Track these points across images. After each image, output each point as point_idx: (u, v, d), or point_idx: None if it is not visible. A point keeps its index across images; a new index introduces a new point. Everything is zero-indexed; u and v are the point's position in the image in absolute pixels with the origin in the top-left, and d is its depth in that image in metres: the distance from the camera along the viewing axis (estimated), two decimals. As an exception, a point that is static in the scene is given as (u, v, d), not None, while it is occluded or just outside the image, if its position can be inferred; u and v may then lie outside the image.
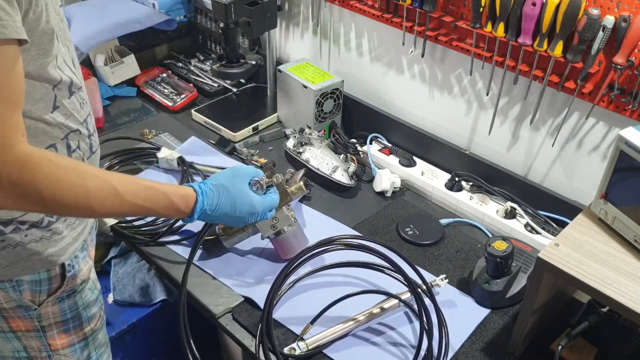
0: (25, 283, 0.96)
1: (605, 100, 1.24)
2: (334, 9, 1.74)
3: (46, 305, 0.99)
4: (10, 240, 0.91)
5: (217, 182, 1.01)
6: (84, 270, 1.05)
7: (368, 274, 1.25)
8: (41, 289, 0.98)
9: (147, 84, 1.94)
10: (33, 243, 0.93)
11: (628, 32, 1.12)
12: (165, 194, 0.93)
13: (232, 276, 1.27)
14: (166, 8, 1.97)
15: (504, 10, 1.27)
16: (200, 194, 0.97)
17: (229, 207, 1.01)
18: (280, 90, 1.79)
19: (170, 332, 1.67)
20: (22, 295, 0.96)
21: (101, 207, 0.85)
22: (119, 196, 0.86)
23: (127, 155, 1.60)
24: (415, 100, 1.66)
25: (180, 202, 0.95)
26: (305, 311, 1.18)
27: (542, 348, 1.12)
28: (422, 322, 1.11)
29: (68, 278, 1.00)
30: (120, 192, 0.86)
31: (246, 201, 1.03)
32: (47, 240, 0.95)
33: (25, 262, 0.94)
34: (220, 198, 0.99)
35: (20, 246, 0.92)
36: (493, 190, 1.48)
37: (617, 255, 1.00)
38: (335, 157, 1.56)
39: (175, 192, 0.95)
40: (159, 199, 0.92)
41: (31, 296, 0.97)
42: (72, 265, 1.01)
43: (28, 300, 0.97)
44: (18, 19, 0.73)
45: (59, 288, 1.00)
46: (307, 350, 1.10)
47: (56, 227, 0.96)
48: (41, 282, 0.97)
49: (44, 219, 0.93)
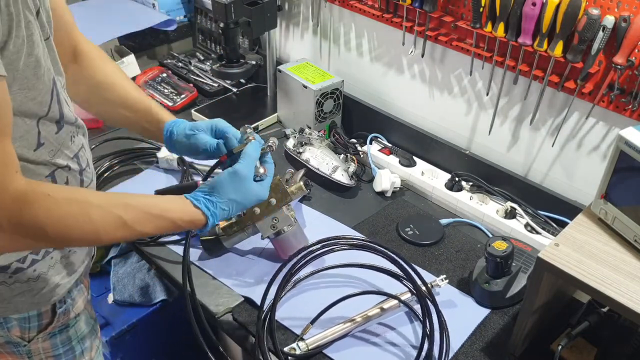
0: (14, 320, 0.91)
1: (605, 100, 1.24)
2: (334, 9, 1.74)
3: (36, 342, 0.95)
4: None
5: (225, 198, 0.96)
6: (79, 302, 1.00)
7: (368, 274, 1.25)
8: (30, 326, 0.93)
9: (147, 84, 1.94)
10: (18, 284, 0.88)
11: (628, 32, 1.12)
12: (174, 222, 0.89)
13: (232, 276, 1.27)
14: (166, 8, 1.98)
15: (504, 10, 1.27)
16: (210, 216, 0.93)
17: (239, 211, 0.99)
18: (280, 90, 1.79)
19: (170, 332, 1.68)
20: (11, 332, 0.92)
21: (110, 238, 0.82)
22: (127, 226, 0.82)
23: (127, 155, 1.60)
24: (415, 100, 1.66)
25: (190, 226, 0.92)
26: (305, 311, 1.18)
27: (542, 348, 1.12)
28: (424, 325, 1.11)
29: (59, 314, 0.95)
30: (128, 222, 0.82)
31: (253, 198, 1.00)
32: (35, 281, 0.89)
33: (7, 304, 0.88)
34: (230, 212, 0.97)
35: (4, 285, 0.87)
36: (493, 190, 1.48)
37: (617, 255, 1.00)
38: (335, 157, 1.56)
39: (184, 217, 0.91)
40: (167, 227, 0.89)
41: (20, 332, 0.93)
42: (63, 301, 0.96)
43: (17, 337, 0.93)
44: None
45: (49, 324, 0.95)
46: (307, 350, 1.10)
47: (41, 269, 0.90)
48: (30, 319, 0.93)
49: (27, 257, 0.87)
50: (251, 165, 1.00)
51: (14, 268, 0.87)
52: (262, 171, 1.03)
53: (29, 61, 0.75)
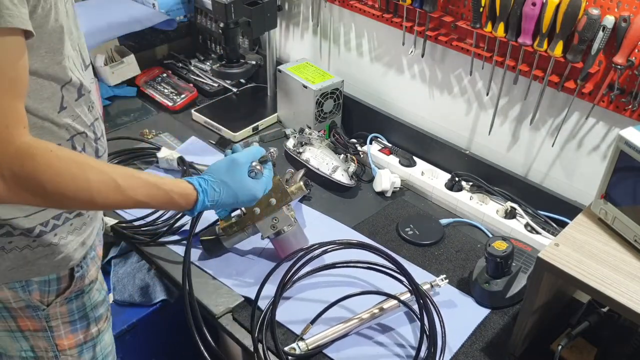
0: (35, 283, 0.95)
1: (605, 100, 1.24)
2: (334, 9, 1.74)
3: (54, 306, 0.99)
4: (18, 243, 0.91)
5: (217, 178, 1.00)
6: (92, 270, 1.04)
7: (367, 274, 1.25)
8: (50, 289, 0.98)
9: (147, 84, 1.94)
10: (41, 247, 0.93)
11: (628, 32, 1.12)
12: (167, 193, 0.92)
13: (232, 276, 1.27)
14: (166, 8, 1.97)
15: (504, 10, 1.27)
16: (201, 192, 0.97)
17: (231, 200, 1.01)
18: (280, 90, 1.79)
19: (170, 332, 1.68)
20: (31, 295, 0.96)
21: (103, 200, 0.85)
22: (120, 190, 0.85)
23: (127, 155, 1.60)
24: (415, 100, 1.66)
25: (181, 200, 0.95)
26: (304, 311, 1.18)
27: (542, 348, 1.12)
28: (422, 324, 1.11)
29: (76, 279, 1.00)
30: (122, 186, 0.85)
31: (247, 192, 1.02)
32: (55, 245, 0.94)
33: (31, 266, 0.93)
34: (221, 194, 0.99)
35: (28, 249, 0.92)
36: (493, 190, 1.48)
37: (617, 255, 1.00)
38: (335, 157, 1.56)
39: (177, 190, 0.94)
40: (160, 196, 0.91)
41: (40, 296, 0.97)
42: (80, 266, 1.00)
43: (37, 301, 0.97)
44: (25, 11, 0.72)
45: (67, 288, 0.99)
46: (307, 350, 1.10)
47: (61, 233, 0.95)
48: (50, 282, 0.97)
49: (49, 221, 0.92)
50: (248, 157, 1.04)
51: (37, 231, 0.91)
52: (259, 168, 1.05)
53: (55, 26, 0.81)
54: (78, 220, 0.97)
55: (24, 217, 0.89)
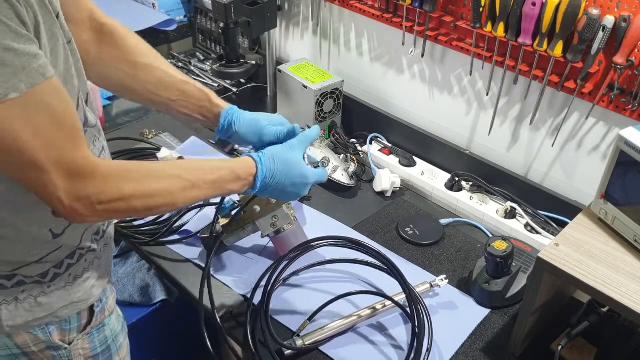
0: (54, 323, 0.91)
1: (605, 100, 1.24)
2: (334, 9, 1.74)
3: (76, 344, 0.95)
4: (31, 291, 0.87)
5: (273, 152, 1.00)
6: (111, 301, 1.01)
7: (366, 273, 1.25)
8: (71, 328, 0.93)
9: (147, 84, 1.94)
10: (57, 292, 0.89)
11: (628, 32, 1.12)
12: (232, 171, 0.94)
13: (232, 275, 1.27)
14: (166, 8, 1.98)
15: (504, 10, 1.27)
16: (259, 162, 0.97)
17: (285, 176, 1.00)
18: (280, 90, 1.79)
19: (170, 332, 1.68)
20: (52, 337, 0.91)
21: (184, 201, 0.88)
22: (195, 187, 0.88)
23: (127, 156, 1.60)
24: (415, 100, 1.66)
25: (244, 173, 0.95)
26: (300, 308, 1.18)
27: (542, 348, 1.12)
28: (413, 326, 1.12)
29: (97, 313, 0.96)
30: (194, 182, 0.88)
31: (298, 172, 1.02)
32: (71, 286, 0.91)
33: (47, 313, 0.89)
34: (276, 166, 0.99)
35: (43, 295, 0.88)
36: (493, 190, 1.48)
37: (617, 255, 1.00)
38: (335, 157, 1.56)
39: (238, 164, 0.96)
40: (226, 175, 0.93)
41: (61, 335, 0.92)
42: (100, 300, 0.97)
43: (58, 340, 0.92)
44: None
45: (88, 324, 0.96)
46: (303, 346, 1.10)
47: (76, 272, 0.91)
48: (70, 320, 0.93)
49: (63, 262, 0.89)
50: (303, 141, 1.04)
51: (51, 275, 0.88)
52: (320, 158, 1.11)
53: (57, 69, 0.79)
54: (91, 254, 0.94)
55: (35, 262, 0.86)
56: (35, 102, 0.69)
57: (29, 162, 0.71)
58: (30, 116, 0.69)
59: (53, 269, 0.88)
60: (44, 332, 0.90)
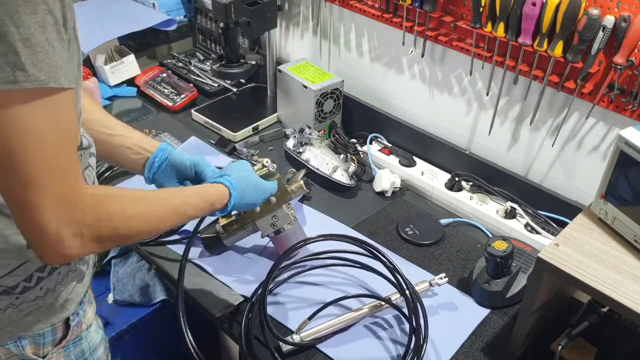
0: (27, 337, 0.88)
1: (605, 100, 1.24)
2: (334, 9, 1.74)
3: (51, 357, 0.92)
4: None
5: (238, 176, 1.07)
6: (89, 314, 0.99)
7: (365, 272, 1.25)
8: (45, 341, 0.91)
9: (147, 84, 1.94)
10: (25, 304, 0.85)
11: (628, 32, 1.12)
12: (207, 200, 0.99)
13: (232, 275, 1.27)
14: (166, 8, 1.98)
15: (504, 10, 1.27)
16: (233, 190, 1.03)
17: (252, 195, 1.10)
18: (280, 90, 1.79)
19: (170, 332, 1.67)
20: (25, 350, 0.88)
21: (164, 226, 0.90)
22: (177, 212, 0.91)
23: (127, 155, 1.59)
24: (415, 100, 1.66)
25: (218, 201, 1.01)
26: (300, 309, 1.18)
27: (542, 348, 1.12)
28: (411, 324, 1.12)
29: (72, 327, 0.94)
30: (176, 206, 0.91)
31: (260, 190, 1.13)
32: (42, 299, 0.87)
33: (16, 325, 0.86)
34: (246, 190, 1.07)
35: (11, 308, 0.84)
36: (493, 190, 1.48)
37: (617, 255, 1.00)
38: (335, 157, 1.56)
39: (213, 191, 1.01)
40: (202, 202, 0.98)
41: (34, 349, 0.89)
42: (76, 313, 0.94)
43: (31, 354, 0.89)
44: None
45: (63, 338, 0.93)
46: (301, 342, 1.10)
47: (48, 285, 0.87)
48: (44, 334, 0.90)
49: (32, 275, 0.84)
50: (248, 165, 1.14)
51: (21, 287, 0.84)
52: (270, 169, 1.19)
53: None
54: (65, 267, 0.90)
55: (6, 274, 0.82)
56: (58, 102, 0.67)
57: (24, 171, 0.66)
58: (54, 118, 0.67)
59: (23, 282, 0.84)
60: (16, 345, 0.88)
